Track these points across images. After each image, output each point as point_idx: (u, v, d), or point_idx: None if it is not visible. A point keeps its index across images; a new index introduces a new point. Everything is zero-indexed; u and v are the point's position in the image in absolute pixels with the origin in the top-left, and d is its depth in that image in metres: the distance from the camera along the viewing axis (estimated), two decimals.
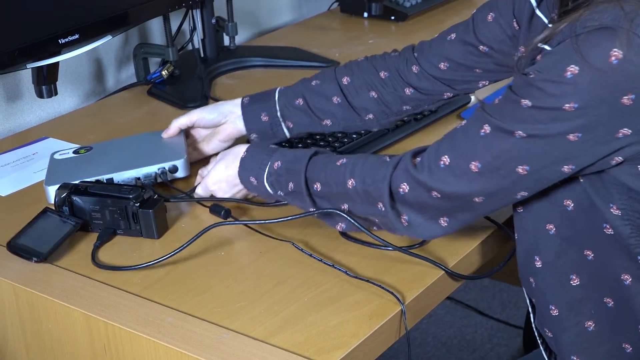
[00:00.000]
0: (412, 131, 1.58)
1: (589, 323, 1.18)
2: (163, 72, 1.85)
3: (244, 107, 1.46)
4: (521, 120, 1.03)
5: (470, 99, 1.70)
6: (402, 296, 1.13)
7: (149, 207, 1.26)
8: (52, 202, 1.35)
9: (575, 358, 1.20)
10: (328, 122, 1.44)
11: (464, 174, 1.08)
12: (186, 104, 1.76)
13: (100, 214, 1.28)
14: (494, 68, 1.35)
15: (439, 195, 1.10)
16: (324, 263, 1.18)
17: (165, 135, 1.48)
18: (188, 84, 1.86)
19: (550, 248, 1.17)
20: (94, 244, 1.26)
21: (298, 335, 1.06)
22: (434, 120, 1.62)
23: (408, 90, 1.40)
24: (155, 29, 2.02)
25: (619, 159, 1.04)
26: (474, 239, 1.26)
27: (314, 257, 1.19)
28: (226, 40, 2.04)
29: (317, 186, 1.21)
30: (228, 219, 1.30)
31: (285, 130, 1.45)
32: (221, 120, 1.47)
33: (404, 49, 1.43)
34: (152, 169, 1.39)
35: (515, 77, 1.17)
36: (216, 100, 1.78)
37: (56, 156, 1.48)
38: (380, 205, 1.15)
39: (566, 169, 1.05)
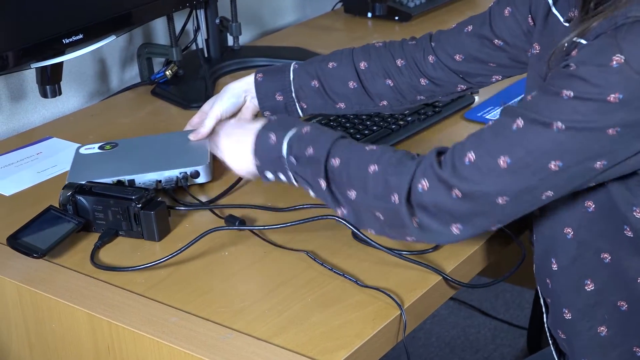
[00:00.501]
0: (416, 131, 1.58)
1: (602, 328, 1.17)
2: (167, 72, 1.85)
3: (257, 84, 1.44)
4: (561, 111, 1.00)
5: (475, 99, 1.70)
6: (402, 299, 1.12)
7: (151, 208, 1.26)
8: None
9: None
10: (342, 105, 1.43)
11: (491, 170, 1.04)
12: (190, 104, 1.76)
13: (103, 214, 1.28)
14: (508, 63, 1.34)
15: (459, 195, 1.06)
16: (335, 272, 1.18)
17: (194, 138, 1.45)
18: (192, 84, 1.86)
19: (566, 252, 1.16)
20: (94, 243, 1.26)
21: (301, 335, 1.06)
22: (438, 121, 1.62)
23: (423, 81, 1.40)
24: (159, 29, 2.02)
25: None
26: (475, 242, 1.25)
27: (326, 267, 1.19)
28: (230, 41, 2.04)
29: (335, 162, 1.15)
30: (237, 224, 1.29)
31: (299, 111, 1.44)
32: (240, 102, 1.45)
33: (422, 37, 1.42)
34: (174, 172, 1.38)
35: (532, 73, 1.17)
36: None
37: (82, 151, 1.49)
38: (394, 197, 1.10)
39: (598, 164, 1.02)
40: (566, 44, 1.05)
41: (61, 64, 1.59)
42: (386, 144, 1.52)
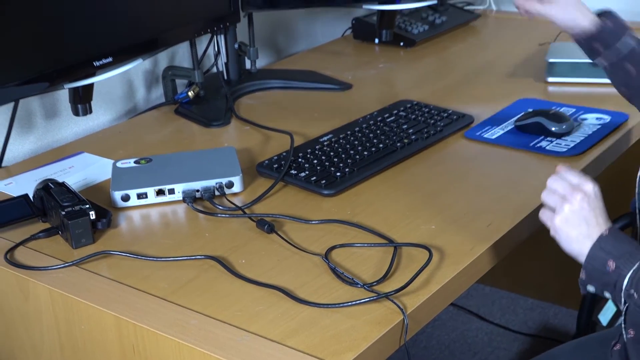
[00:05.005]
0: (419, 149, 1.57)
1: None
2: (189, 93, 1.86)
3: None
4: None
5: (473, 119, 1.70)
6: (405, 305, 1.12)
7: (72, 218, 1.27)
8: (119, 205, 1.39)
9: None
10: None
11: None
12: (211, 122, 1.77)
13: (53, 212, 1.32)
14: None
15: None
16: (346, 277, 1.18)
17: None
18: (212, 104, 1.86)
19: None
20: (32, 234, 1.31)
21: (312, 338, 1.06)
22: (440, 139, 1.62)
23: None
24: (182, 53, 2.03)
25: None
26: (474, 251, 1.25)
27: (337, 271, 1.19)
28: (248, 64, 2.05)
29: None
30: (266, 228, 1.30)
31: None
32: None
33: None
34: (211, 182, 1.42)
35: None
36: (241, 119, 1.79)
37: (118, 164, 1.50)
38: None
39: None
40: None
41: (92, 84, 1.60)
42: (390, 160, 1.52)
